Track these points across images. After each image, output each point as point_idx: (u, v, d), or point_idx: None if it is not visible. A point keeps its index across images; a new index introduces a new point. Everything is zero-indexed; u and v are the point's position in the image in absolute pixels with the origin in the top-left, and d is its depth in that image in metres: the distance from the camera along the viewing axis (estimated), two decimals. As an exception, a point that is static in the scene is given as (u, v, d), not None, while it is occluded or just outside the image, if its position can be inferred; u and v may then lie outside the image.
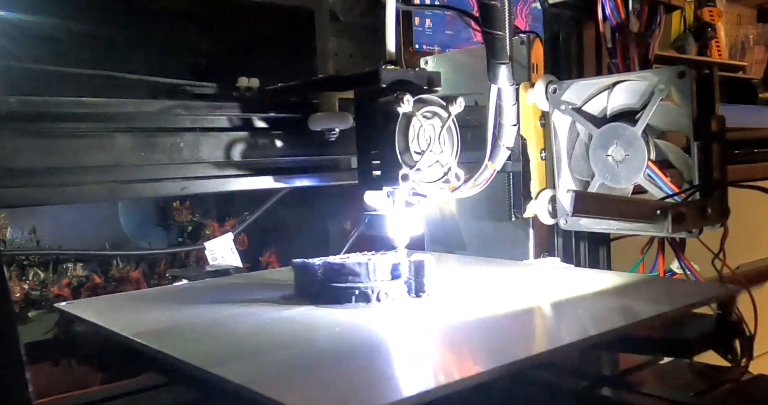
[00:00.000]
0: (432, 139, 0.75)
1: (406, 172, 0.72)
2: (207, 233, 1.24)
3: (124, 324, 0.65)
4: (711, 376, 0.70)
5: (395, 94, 0.71)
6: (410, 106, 0.71)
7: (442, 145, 0.76)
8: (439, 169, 0.76)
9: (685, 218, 0.77)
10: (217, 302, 0.74)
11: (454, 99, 0.76)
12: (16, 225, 1.09)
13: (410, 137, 0.73)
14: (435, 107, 0.76)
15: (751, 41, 2.17)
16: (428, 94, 0.76)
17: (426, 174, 0.75)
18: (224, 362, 0.53)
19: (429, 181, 0.76)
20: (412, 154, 0.74)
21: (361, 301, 0.70)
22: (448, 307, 0.70)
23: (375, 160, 0.75)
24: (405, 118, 0.72)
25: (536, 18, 1.76)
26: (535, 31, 1.08)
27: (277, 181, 0.82)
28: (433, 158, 0.75)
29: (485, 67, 0.81)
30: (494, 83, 0.80)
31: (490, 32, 0.76)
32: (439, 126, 0.76)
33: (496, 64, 0.78)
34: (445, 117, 0.76)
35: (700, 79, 0.82)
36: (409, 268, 0.73)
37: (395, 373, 0.52)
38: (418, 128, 0.74)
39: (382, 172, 0.74)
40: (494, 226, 1.07)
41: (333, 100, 0.83)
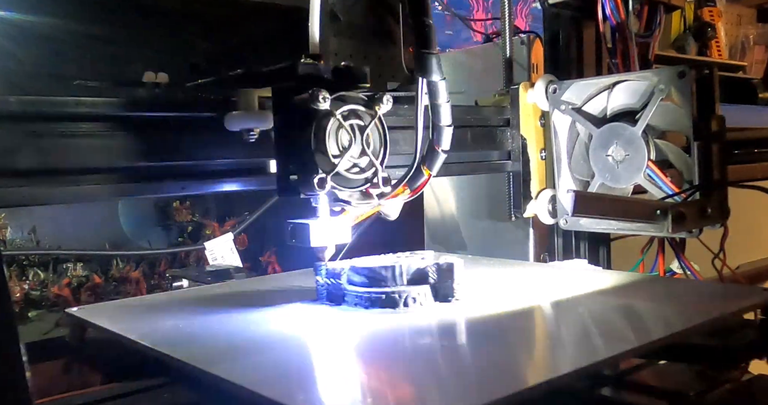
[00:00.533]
0: (352, 141, 0.68)
1: (321, 177, 0.65)
2: (207, 233, 1.24)
3: (143, 331, 0.63)
4: (711, 376, 0.70)
5: (311, 90, 0.64)
6: (327, 103, 0.65)
7: (366, 148, 0.69)
8: (363, 174, 0.69)
9: (685, 218, 0.77)
10: (237, 307, 0.71)
11: (381, 97, 0.69)
12: (16, 225, 1.09)
13: (327, 139, 0.66)
14: (356, 106, 0.68)
15: (751, 41, 2.17)
16: (350, 92, 0.69)
17: (347, 179, 0.68)
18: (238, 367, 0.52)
19: (351, 187, 0.69)
20: (330, 158, 0.66)
21: (387, 307, 0.66)
22: (478, 314, 0.66)
23: (292, 163, 0.68)
24: (322, 118, 0.66)
25: (536, 18, 1.76)
26: (535, 31, 1.08)
27: (193, 187, 0.75)
28: (352, 162, 0.68)
29: (485, 67, 0.80)
30: (423, 76, 0.71)
31: (418, 19, 0.69)
32: (363, 127, 0.69)
33: (425, 54, 0.70)
34: (370, 117, 0.69)
35: (700, 79, 0.82)
36: (437, 272, 0.69)
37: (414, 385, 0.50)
38: (336, 129, 0.67)
39: (299, 177, 0.67)
40: (494, 226, 1.07)
41: (252, 97, 0.75)
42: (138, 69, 1.05)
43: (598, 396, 0.67)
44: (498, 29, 1.14)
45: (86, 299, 1.10)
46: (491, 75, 1.07)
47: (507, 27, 1.03)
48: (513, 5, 1.04)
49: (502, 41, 1.04)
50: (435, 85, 0.71)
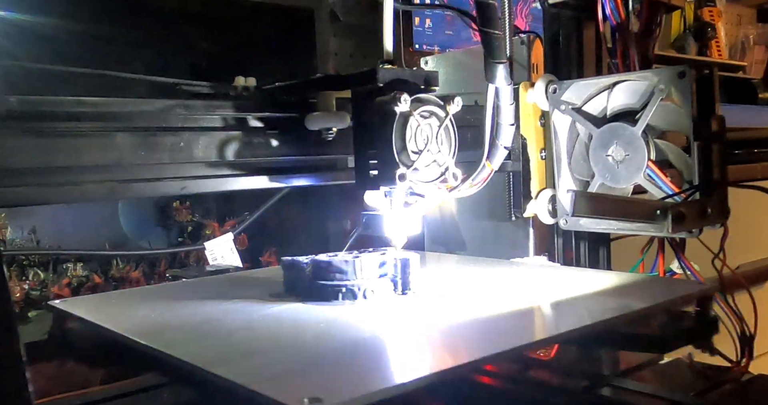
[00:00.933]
0: (429, 139, 0.75)
1: (403, 172, 0.72)
2: (207, 233, 1.24)
3: (117, 321, 0.66)
4: (711, 376, 0.70)
5: (392, 93, 0.71)
6: (407, 105, 0.71)
7: (439, 145, 0.76)
8: (437, 168, 0.76)
9: (685, 218, 0.77)
10: (208, 299, 0.76)
11: (452, 98, 0.76)
12: (16, 225, 1.09)
13: (407, 137, 0.73)
14: (432, 107, 0.75)
15: (751, 41, 2.17)
16: (425, 94, 0.75)
17: (423, 173, 0.75)
18: (215, 359, 0.54)
19: (426, 181, 0.75)
20: (410, 154, 0.73)
21: (347, 299, 0.71)
22: (431, 304, 0.71)
23: (372, 159, 0.75)
24: (402, 118, 0.72)
25: (536, 18, 1.76)
26: (535, 31, 1.08)
27: (273, 180, 0.81)
28: (431, 158, 0.75)
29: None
30: (492, 83, 0.80)
31: (487, 31, 0.76)
32: (437, 125, 0.76)
33: (493, 64, 0.78)
34: (443, 116, 0.76)
35: (700, 79, 0.82)
36: (395, 266, 0.73)
37: (378, 365, 0.55)
38: (416, 128, 0.73)
39: (380, 172, 0.74)
40: (494, 226, 1.07)
41: (330, 99, 0.82)
42: (137, 69, 1.05)
43: (598, 396, 0.67)
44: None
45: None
46: (491, 75, 1.07)
47: (507, 27, 1.03)
48: (513, 5, 1.04)
49: (502, 41, 1.04)
50: (500, 90, 0.81)
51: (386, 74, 0.74)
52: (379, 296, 0.72)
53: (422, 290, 0.74)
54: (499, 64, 0.78)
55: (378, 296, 0.72)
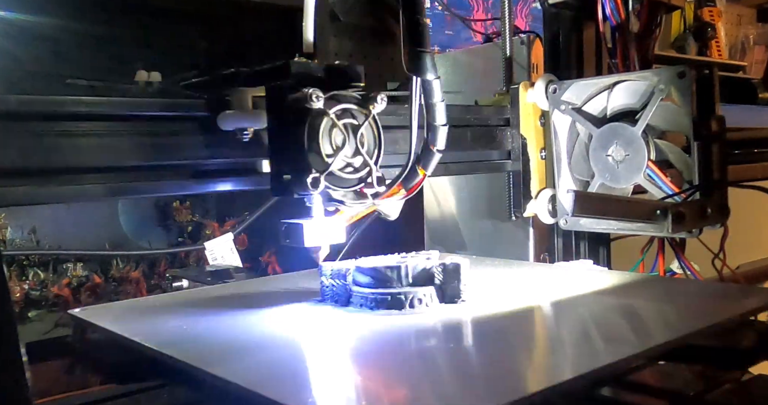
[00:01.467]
0: (346, 140, 0.67)
1: (315, 177, 0.65)
2: (207, 233, 1.24)
3: (146, 333, 0.63)
4: (711, 376, 0.69)
5: (305, 90, 0.64)
6: (321, 103, 0.64)
7: (360, 147, 0.68)
8: (356, 173, 0.69)
9: (685, 218, 0.77)
10: (243, 308, 0.71)
11: (376, 96, 0.69)
12: (16, 225, 1.09)
13: (321, 138, 0.65)
14: (350, 105, 0.68)
15: (751, 41, 2.17)
16: (345, 91, 0.68)
17: (341, 179, 0.68)
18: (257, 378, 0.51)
19: (345, 187, 0.69)
20: (324, 157, 0.66)
21: (393, 309, 0.66)
22: (485, 315, 0.65)
23: (286, 163, 0.68)
24: (316, 117, 0.65)
25: (536, 18, 1.76)
26: (535, 31, 1.08)
27: (184, 187, 0.75)
28: (346, 161, 0.68)
29: (485, 67, 0.80)
30: (417, 75, 0.69)
31: (411, 17, 0.68)
32: (357, 126, 0.68)
33: (418, 53, 0.68)
34: (364, 116, 0.69)
35: (700, 79, 0.82)
36: (443, 273, 0.68)
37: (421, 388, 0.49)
38: (330, 128, 0.66)
39: (293, 177, 0.67)
40: (494, 226, 1.07)
41: (246, 96, 0.74)
42: (137, 68, 1.05)
43: (598, 396, 0.67)
44: (498, 29, 1.14)
45: (86, 299, 1.10)
46: (491, 75, 1.07)
47: (507, 27, 1.03)
48: (513, 5, 1.04)
49: (502, 41, 1.04)
50: (429, 83, 0.70)
51: (299, 68, 0.66)
52: (427, 306, 0.66)
53: (473, 299, 0.69)
54: (424, 53, 0.68)
55: (426, 306, 0.66)
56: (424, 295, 0.67)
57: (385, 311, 0.66)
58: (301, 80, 0.66)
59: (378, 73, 1.32)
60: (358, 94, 0.70)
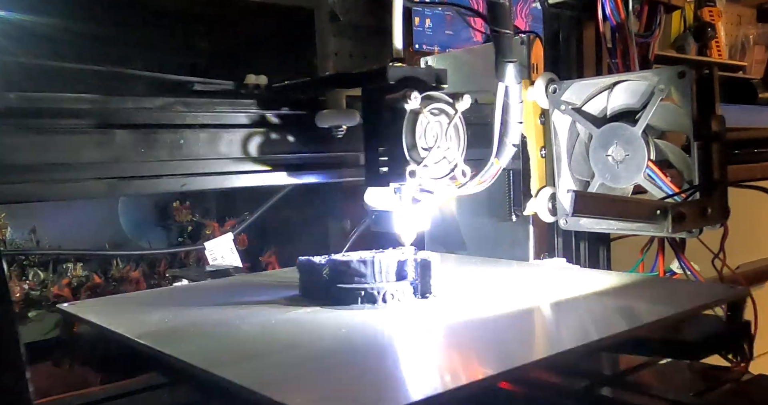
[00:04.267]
0: (439, 136, 0.75)
1: (413, 169, 0.73)
2: (207, 233, 1.24)
3: (128, 325, 0.64)
4: (711, 376, 0.70)
5: (403, 90, 0.72)
6: (417, 102, 0.72)
7: (448, 142, 0.77)
8: (446, 165, 0.77)
9: (685, 218, 0.77)
10: (222, 303, 0.74)
11: (461, 96, 0.77)
12: (16, 225, 1.09)
13: (417, 134, 0.73)
14: (442, 104, 0.76)
15: (751, 41, 2.17)
16: (435, 91, 0.76)
17: (433, 170, 0.76)
18: (229, 364, 0.53)
19: (436, 178, 0.76)
20: (420, 151, 0.74)
21: (367, 303, 0.69)
22: (454, 309, 0.69)
23: (382, 156, 0.75)
24: (412, 115, 0.73)
25: (536, 18, 1.76)
26: (535, 31, 1.08)
27: (283, 177, 0.82)
28: (440, 154, 0.76)
29: (485, 66, 0.81)
30: (502, 81, 0.81)
31: (498, 31, 0.77)
32: (446, 122, 0.76)
33: (504, 62, 0.79)
34: (452, 114, 0.77)
35: (700, 79, 0.82)
36: (415, 268, 0.72)
37: (400, 378, 0.52)
38: (425, 125, 0.74)
39: (389, 169, 0.75)
40: (494, 225, 1.06)
41: (340, 97, 0.83)
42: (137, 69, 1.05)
43: (598, 396, 0.67)
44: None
45: (86, 299, 1.10)
46: (491, 74, 1.07)
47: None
48: (513, 5, 1.04)
49: (502, 41, 1.04)
50: (509, 88, 0.81)
51: (396, 72, 0.75)
52: (400, 300, 0.70)
53: (443, 294, 0.73)
54: (510, 63, 0.79)
55: (399, 300, 0.70)
56: (396, 290, 0.70)
57: (358, 306, 0.69)
58: (398, 82, 0.75)
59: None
60: (446, 94, 0.77)
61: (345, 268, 0.70)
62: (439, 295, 0.72)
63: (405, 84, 0.74)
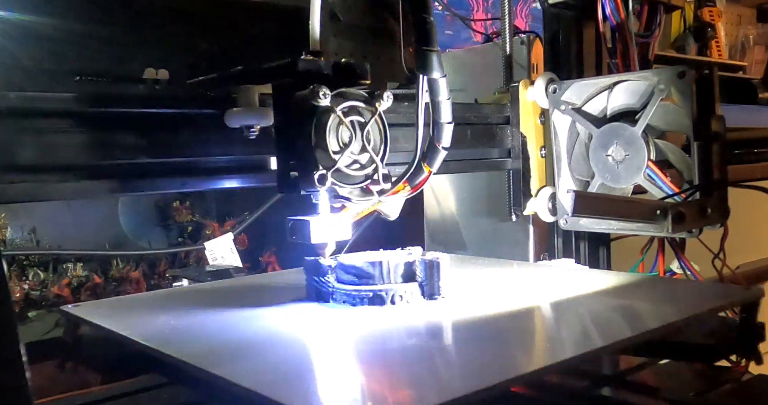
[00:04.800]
0: (353, 138, 0.68)
1: (322, 174, 0.65)
2: (207, 233, 1.24)
3: (134, 328, 0.64)
4: (711, 376, 0.70)
5: (311, 87, 0.64)
6: (327, 100, 0.64)
7: (367, 144, 0.69)
8: (363, 170, 0.70)
9: (685, 218, 0.77)
10: (228, 306, 0.73)
11: (382, 94, 0.69)
12: (16, 225, 1.09)
13: (327, 135, 0.66)
14: (358, 102, 0.69)
15: (751, 41, 2.17)
16: (352, 88, 0.69)
17: (348, 176, 0.68)
18: (230, 365, 0.53)
19: (351, 184, 0.69)
20: (331, 154, 0.66)
21: (375, 304, 0.67)
22: (462, 312, 0.67)
23: (292, 160, 0.68)
24: (323, 114, 0.66)
25: (536, 18, 1.76)
26: (535, 31, 1.08)
27: (193, 184, 0.76)
28: (352, 158, 0.68)
29: (485, 67, 0.80)
30: (424, 73, 0.70)
31: (419, 16, 0.69)
32: (363, 123, 0.69)
33: (425, 52, 0.69)
34: (370, 113, 0.69)
35: (700, 79, 0.82)
36: (423, 270, 0.70)
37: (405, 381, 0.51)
38: (337, 125, 0.67)
39: (299, 174, 0.67)
40: (494, 226, 1.07)
41: (252, 94, 0.75)
42: (137, 68, 1.05)
43: (598, 396, 0.67)
44: (498, 29, 1.14)
45: (86, 299, 1.10)
46: (491, 75, 1.07)
47: (507, 25, 1.03)
48: (513, 5, 1.04)
49: (502, 40, 1.04)
50: (436, 82, 0.71)
51: (305, 65, 0.67)
52: (408, 302, 0.68)
53: (452, 295, 0.70)
54: (432, 53, 0.69)
55: (407, 302, 0.68)
56: (405, 291, 0.68)
57: (367, 307, 0.68)
58: (308, 78, 0.66)
59: (378, 73, 1.32)
60: (365, 91, 0.70)
61: (352, 269, 0.69)
62: (448, 297, 0.70)
63: (317, 79, 0.66)
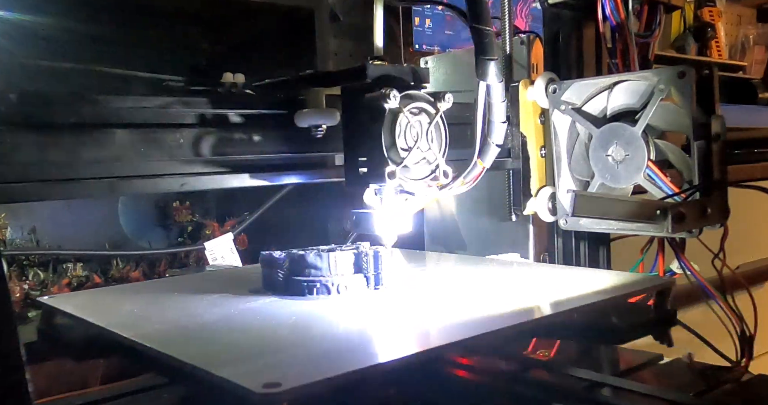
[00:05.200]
0: (419, 136, 0.74)
1: (392, 170, 0.71)
2: (207, 233, 1.24)
3: (100, 315, 0.68)
4: (711, 376, 0.70)
5: (381, 89, 0.70)
6: (396, 101, 0.70)
7: (429, 142, 0.75)
8: (427, 166, 0.76)
9: (685, 218, 0.77)
10: (191, 294, 0.77)
11: (443, 95, 0.75)
12: (16, 225, 1.09)
13: (396, 134, 0.72)
14: (422, 103, 0.74)
15: (751, 41, 2.17)
16: (416, 90, 0.75)
17: (414, 171, 0.74)
18: (181, 345, 0.58)
19: (416, 179, 0.75)
20: (399, 151, 0.72)
21: (321, 294, 0.72)
22: (399, 299, 0.73)
23: (361, 157, 0.74)
24: (391, 115, 0.71)
25: (536, 18, 1.76)
26: (535, 31, 1.08)
27: (262, 178, 0.80)
28: (420, 155, 0.74)
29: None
30: (483, 80, 0.78)
31: (478, 28, 0.75)
32: (427, 122, 0.75)
33: (484, 61, 0.76)
34: (433, 113, 0.75)
35: (700, 79, 0.82)
36: (368, 261, 0.74)
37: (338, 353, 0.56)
38: (405, 124, 0.73)
39: (369, 170, 0.73)
40: (494, 226, 1.07)
41: (320, 96, 0.81)
42: (136, 68, 1.05)
43: (598, 396, 0.67)
44: (498, 29, 1.14)
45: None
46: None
47: (507, 25, 1.03)
48: (513, 5, 1.04)
49: (502, 39, 1.04)
50: (491, 87, 0.78)
51: (375, 70, 0.73)
52: (353, 291, 0.73)
53: (394, 285, 0.76)
54: (490, 61, 0.76)
55: (351, 291, 0.73)
56: (349, 281, 0.73)
57: (313, 297, 0.72)
58: (378, 81, 0.73)
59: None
60: (427, 93, 0.76)
61: (302, 261, 0.73)
62: (390, 287, 0.75)
63: (384, 83, 0.72)
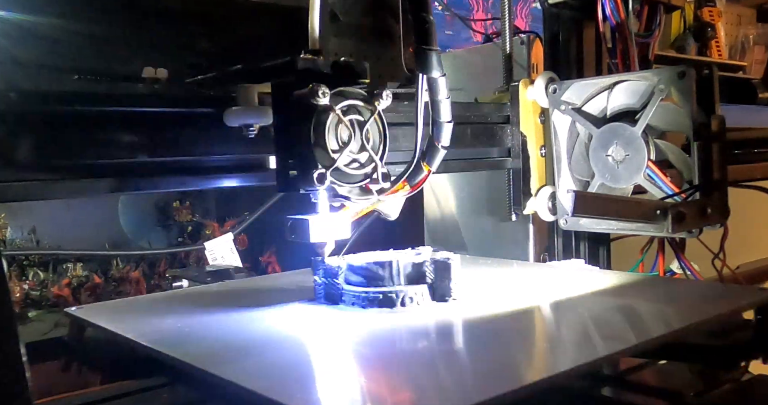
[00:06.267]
0: (352, 136, 0.67)
1: (321, 173, 0.65)
2: (207, 233, 1.24)
3: (140, 330, 0.64)
4: (711, 376, 0.69)
5: (310, 86, 0.64)
6: (326, 99, 0.64)
7: (366, 143, 0.69)
8: (363, 169, 0.69)
9: (685, 218, 0.77)
10: (235, 307, 0.72)
11: (381, 93, 0.69)
12: (16, 225, 1.09)
13: (326, 134, 0.65)
14: (356, 101, 0.68)
15: (751, 41, 2.17)
16: (351, 87, 0.68)
17: (347, 175, 0.68)
18: (236, 367, 0.52)
19: (351, 183, 0.68)
20: (330, 153, 0.66)
21: (385, 307, 0.67)
22: (475, 314, 0.66)
23: (291, 158, 0.68)
24: (322, 113, 0.65)
25: (536, 18, 1.76)
26: (535, 31, 1.08)
27: (192, 183, 0.76)
28: (352, 157, 0.68)
29: (485, 67, 0.80)
30: (424, 73, 0.70)
31: (419, 15, 0.69)
32: (362, 122, 0.68)
33: (425, 51, 0.69)
34: (370, 113, 0.69)
35: (700, 79, 0.82)
36: (433, 270, 0.69)
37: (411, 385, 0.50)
38: (336, 124, 0.66)
39: (298, 173, 0.67)
40: (494, 226, 1.07)
41: (251, 93, 0.74)
42: (137, 67, 1.05)
43: (598, 396, 0.67)
44: (498, 29, 1.14)
45: (86, 299, 1.10)
46: (491, 75, 1.07)
47: (507, 25, 1.03)
48: (513, 5, 1.04)
49: (502, 39, 1.04)
50: (435, 81, 0.71)
51: (305, 64, 0.66)
52: (419, 304, 0.67)
53: (463, 297, 0.69)
54: (431, 51, 0.69)
55: (417, 304, 0.67)
56: (415, 293, 0.67)
57: (377, 309, 0.66)
58: (307, 77, 0.66)
59: (378, 73, 1.32)
60: (364, 90, 0.70)
61: (361, 271, 0.68)
62: (459, 299, 0.69)
63: (316, 79, 0.65)
